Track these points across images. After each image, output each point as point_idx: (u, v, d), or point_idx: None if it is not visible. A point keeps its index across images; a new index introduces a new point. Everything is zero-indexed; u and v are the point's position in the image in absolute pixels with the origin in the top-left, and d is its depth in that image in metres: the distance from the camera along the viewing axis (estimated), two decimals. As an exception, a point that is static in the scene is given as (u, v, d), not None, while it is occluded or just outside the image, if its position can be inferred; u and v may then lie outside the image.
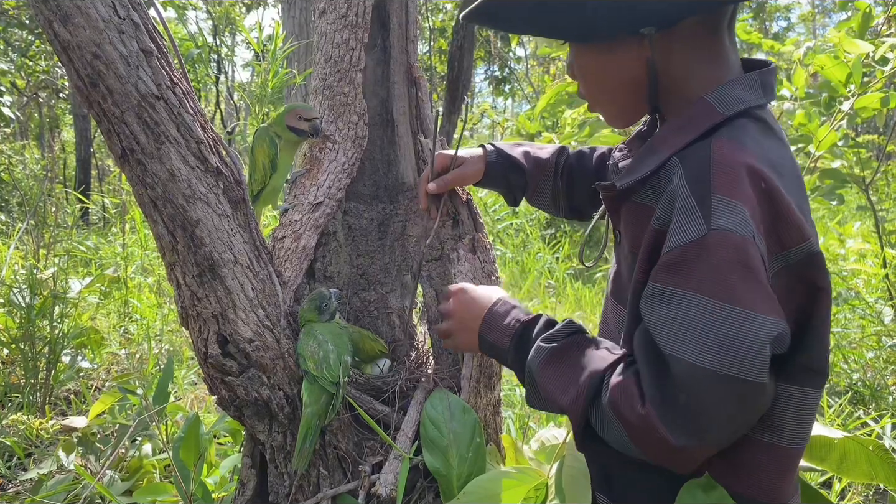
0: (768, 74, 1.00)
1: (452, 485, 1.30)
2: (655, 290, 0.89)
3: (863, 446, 1.30)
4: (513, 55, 13.74)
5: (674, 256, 0.86)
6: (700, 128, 0.94)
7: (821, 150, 2.69)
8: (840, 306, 3.14)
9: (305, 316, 1.36)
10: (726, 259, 0.82)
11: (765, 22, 16.08)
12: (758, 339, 0.81)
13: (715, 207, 0.83)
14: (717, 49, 0.99)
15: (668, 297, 0.87)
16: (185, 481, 1.41)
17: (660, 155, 0.96)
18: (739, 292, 0.82)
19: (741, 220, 0.82)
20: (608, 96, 1.09)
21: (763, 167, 0.87)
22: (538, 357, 1.06)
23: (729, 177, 0.85)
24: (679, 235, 0.85)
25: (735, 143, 0.89)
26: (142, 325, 3.39)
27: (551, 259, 5.05)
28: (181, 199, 1.19)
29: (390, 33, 1.58)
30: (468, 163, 1.45)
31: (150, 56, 1.14)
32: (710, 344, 0.82)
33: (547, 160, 1.46)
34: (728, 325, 0.81)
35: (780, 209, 0.86)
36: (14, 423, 2.29)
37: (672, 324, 0.86)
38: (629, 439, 0.91)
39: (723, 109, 0.94)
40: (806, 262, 0.88)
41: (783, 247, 0.87)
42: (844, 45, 2.59)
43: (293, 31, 4.92)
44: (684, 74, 1.00)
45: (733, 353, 0.81)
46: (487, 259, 1.54)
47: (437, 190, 1.44)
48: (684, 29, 0.97)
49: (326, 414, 1.29)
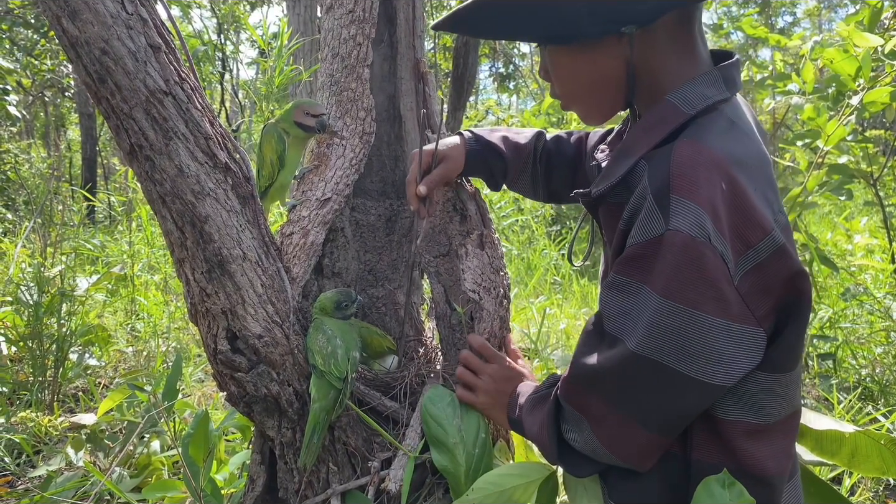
0: (730, 68, 1.01)
1: (461, 481, 1.30)
2: (614, 280, 0.94)
3: (874, 441, 1.30)
4: (517, 51, 13.71)
5: (633, 252, 0.90)
6: (666, 129, 0.96)
7: (829, 146, 2.67)
8: (848, 302, 3.13)
9: (321, 304, 1.36)
10: (677, 258, 0.85)
11: (770, 17, 16.01)
12: (702, 336, 0.86)
13: (672, 208, 0.86)
14: (690, 45, 1.01)
15: (623, 286, 0.93)
16: (195, 478, 1.41)
17: (630, 159, 0.98)
18: (685, 291, 0.85)
19: (695, 221, 0.85)
20: (585, 95, 1.10)
21: (726, 165, 0.89)
22: (525, 408, 1.20)
23: (687, 179, 0.87)
24: (640, 233, 0.89)
25: (697, 144, 0.91)
26: (149, 322, 3.40)
27: (557, 256, 5.04)
28: (190, 196, 1.19)
29: (397, 29, 1.58)
30: (449, 157, 1.43)
31: (158, 52, 1.13)
32: (651, 333, 0.88)
33: (525, 145, 1.46)
34: (671, 320, 0.87)
35: (743, 207, 0.88)
36: (23, 420, 2.29)
37: (620, 311, 0.93)
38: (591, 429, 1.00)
39: (687, 108, 0.96)
40: (776, 256, 0.89)
41: (748, 245, 0.88)
42: (854, 39, 2.57)
43: (298, 28, 4.92)
44: (660, 71, 1.01)
45: (674, 346, 0.87)
46: (496, 255, 1.54)
47: (426, 192, 1.41)
48: (662, 26, 0.98)
49: (334, 409, 1.29)
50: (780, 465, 0.97)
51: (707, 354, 0.87)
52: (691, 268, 0.85)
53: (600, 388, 0.97)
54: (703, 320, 0.86)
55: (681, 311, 0.86)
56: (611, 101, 1.08)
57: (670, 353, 0.88)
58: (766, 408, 0.94)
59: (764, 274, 0.89)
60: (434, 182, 1.42)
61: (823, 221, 6.43)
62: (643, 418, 0.95)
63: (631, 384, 0.93)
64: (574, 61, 1.05)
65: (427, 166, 1.42)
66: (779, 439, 0.97)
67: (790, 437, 1.00)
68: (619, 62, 1.01)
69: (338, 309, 1.36)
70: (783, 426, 0.98)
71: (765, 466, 0.95)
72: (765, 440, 0.95)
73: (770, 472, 0.95)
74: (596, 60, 1.03)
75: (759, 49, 11.20)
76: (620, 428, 0.97)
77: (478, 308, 1.48)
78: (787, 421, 0.98)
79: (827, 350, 2.87)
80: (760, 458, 0.95)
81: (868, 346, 3.00)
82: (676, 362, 0.88)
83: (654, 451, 0.98)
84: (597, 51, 1.02)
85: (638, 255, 0.90)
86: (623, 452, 0.99)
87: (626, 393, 0.95)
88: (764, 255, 0.88)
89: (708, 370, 0.88)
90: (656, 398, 0.93)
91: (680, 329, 0.86)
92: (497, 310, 1.50)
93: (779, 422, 0.96)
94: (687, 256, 0.85)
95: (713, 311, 0.86)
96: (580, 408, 1.01)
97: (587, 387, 1.00)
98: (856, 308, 3.27)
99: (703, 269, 0.85)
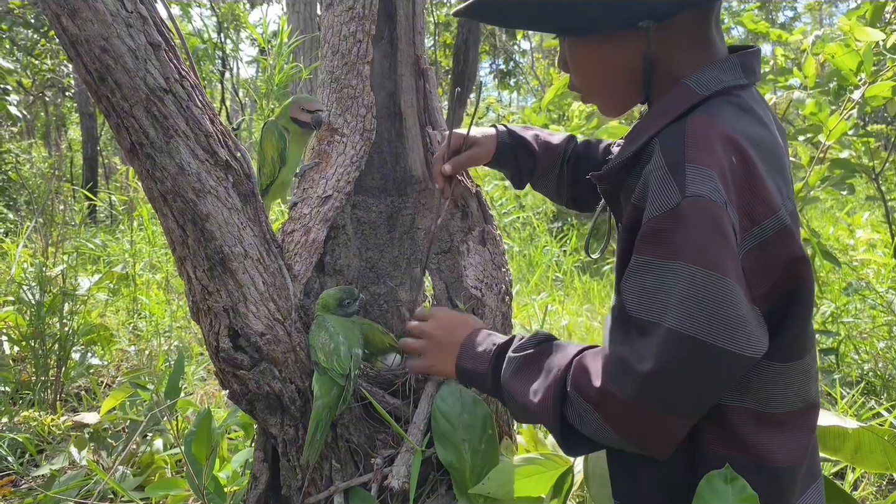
0: (749, 56, 1.01)
1: (466, 477, 1.30)
2: (634, 262, 0.90)
3: (878, 436, 1.30)
4: (517, 48, 13.69)
5: (651, 226, 0.87)
6: (679, 109, 0.96)
7: (831, 140, 2.66)
8: (850, 296, 3.12)
9: (324, 301, 1.36)
10: (701, 224, 0.83)
11: (771, 12, 15.98)
12: (734, 304, 0.82)
13: (689, 175, 0.85)
14: (706, 39, 1.01)
15: (645, 266, 0.88)
16: (198, 475, 1.41)
17: (642, 138, 0.97)
18: (714, 257, 0.82)
19: (714, 187, 0.83)
20: (603, 87, 1.10)
21: (737, 139, 0.88)
22: (509, 368, 1.11)
23: (702, 146, 0.87)
24: (656, 206, 0.87)
25: (710, 117, 0.91)
26: (151, 321, 3.40)
27: (559, 252, 5.04)
28: (191, 193, 1.19)
29: (397, 25, 1.57)
30: (480, 142, 1.44)
31: (158, 49, 1.13)
32: (686, 308, 0.83)
33: (556, 145, 1.46)
34: (705, 289, 0.82)
35: (752, 183, 0.87)
36: (26, 419, 2.30)
37: (646, 293, 0.88)
38: (602, 421, 0.92)
39: (701, 90, 0.96)
40: (780, 236, 0.88)
41: (754, 221, 0.87)
42: (855, 33, 2.56)
43: (298, 26, 4.91)
44: (677, 64, 1.01)
45: (709, 318, 0.82)
46: (497, 251, 1.54)
47: (452, 172, 1.42)
48: (680, 21, 0.99)
49: (337, 406, 1.29)
50: (794, 459, 0.95)
51: (738, 324, 0.83)
52: (716, 232, 0.82)
53: (629, 377, 0.88)
54: (731, 288, 0.82)
55: (713, 277, 0.82)
56: (628, 93, 1.08)
57: (706, 326, 0.82)
58: (773, 398, 0.93)
59: (766, 253, 0.88)
60: (461, 164, 1.43)
61: (825, 216, 6.42)
62: (671, 404, 0.88)
63: (664, 370, 0.85)
64: (592, 53, 1.06)
65: (457, 148, 1.43)
66: (793, 433, 0.95)
67: (807, 433, 0.97)
68: (636, 55, 1.01)
69: (340, 306, 1.36)
70: (798, 420, 0.96)
71: (775, 458, 0.93)
72: (775, 432, 0.94)
73: (781, 464, 0.94)
74: (613, 53, 1.03)
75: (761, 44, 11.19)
76: (642, 416, 0.90)
77: (480, 304, 1.48)
78: (801, 414, 0.96)
79: (829, 345, 2.87)
80: (771, 449, 0.93)
81: (870, 340, 2.99)
82: (712, 336, 0.82)
83: (677, 436, 0.92)
84: (615, 43, 1.02)
85: (656, 230, 0.87)
86: (642, 441, 0.93)
87: (658, 381, 0.86)
88: (769, 234, 0.87)
89: (740, 341, 0.83)
90: (690, 380, 0.86)
91: (714, 298, 0.82)
92: (499, 306, 1.50)
93: (790, 413, 0.95)
94: (711, 220, 0.82)
95: (736, 279, 0.83)
96: (593, 401, 0.93)
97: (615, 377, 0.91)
98: (858, 303, 3.27)
99: (725, 234, 0.83)
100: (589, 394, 0.93)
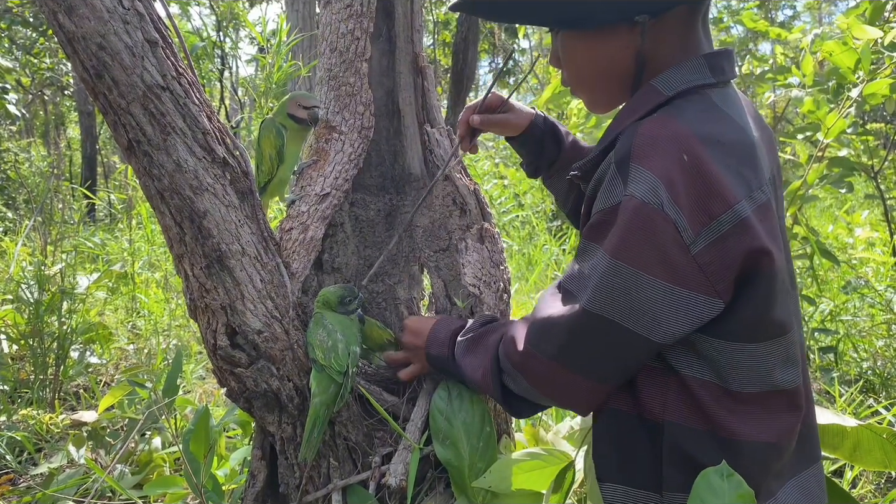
0: (717, 56, 1.03)
1: (464, 475, 1.30)
2: (581, 244, 1.00)
3: (877, 434, 1.30)
4: (517, 47, 13.68)
5: (597, 218, 0.96)
6: (644, 108, 1.00)
7: (829, 138, 2.66)
8: (849, 295, 3.12)
9: (324, 299, 1.36)
10: (628, 222, 0.90)
11: (770, 11, 15.98)
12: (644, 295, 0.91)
13: (631, 175, 0.91)
14: (693, 38, 1.04)
15: (584, 250, 0.99)
16: (196, 474, 1.41)
17: (610, 136, 1.02)
18: (632, 253, 0.90)
19: (649, 188, 0.89)
20: (593, 82, 1.12)
21: (690, 138, 0.91)
22: (459, 349, 1.24)
23: (647, 148, 0.91)
24: (603, 200, 0.94)
25: (665, 119, 0.95)
26: (149, 320, 3.40)
27: (558, 251, 5.04)
28: (188, 191, 1.19)
29: (395, 23, 1.57)
30: (516, 112, 1.44)
31: (155, 46, 1.13)
32: (600, 292, 0.94)
33: (584, 147, 1.47)
34: (619, 279, 0.92)
35: (704, 180, 0.90)
36: (24, 418, 2.29)
37: (578, 272, 0.99)
38: (528, 383, 1.06)
39: (666, 90, 1.00)
40: (738, 229, 0.90)
41: (712, 216, 0.90)
42: (853, 31, 2.56)
43: (297, 24, 4.91)
44: (664, 62, 1.03)
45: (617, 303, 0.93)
46: (496, 249, 1.54)
47: (479, 123, 1.41)
48: (672, 17, 1.01)
49: (335, 404, 1.29)
50: (757, 436, 0.97)
51: (651, 313, 0.92)
52: (640, 232, 0.89)
53: (548, 340, 1.01)
54: (647, 282, 0.91)
55: (629, 271, 0.91)
56: (618, 88, 1.09)
57: (617, 309, 0.93)
58: (731, 375, 0.96)
59: (725, 246, 0.90)
60: (491, 122, 1.42)
61: (824, 215, 6.42)
62: (586, 368, 1.00)
63: (577, 338, 0.98)
64: (585, 47, 1.07)
65: (491, 107, 1.42)
66: (757, 413, 0.97)
67: (774, 414, 0.99)
68: (629, 51, 1.03)
69: (341, 305, 1.36)
70: (761, 401, 0.97)
71: (735, 430, 0.96)
72: (737, 407, 0.97)
73: (741, 438, 0.96)
74: (607, 47, 1.05)
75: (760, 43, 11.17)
76: (562, 377, 1.02)
77: (478, 302, 1.48)
78: (765, 396, 0.98)
79: (828, 343, 2.87)
80: (732, 422, 0.96)
81: (869, 338, 2.99)
82: (623, 318, 0.93)
83: (596, 396, 1.04)
84: (608, 38, 1.04)
85: (600, 221, 0.95)
86: (563, 400, 1.07)
87: (571, 346, 0.99)
88: (726, 227, 0.90)
89: (651, 327, 0.93)
90: (600, 350, 0.98)
91: (626, 288, 0.92)
92: (497, 304, 1.50)
93: (752, 394, 0.97)
94: (637, 221, 0.89)
95: (658, 274, 0.90)
96: (518, 365, 1.07)
97: (535, 341, 1.03)
98: (857, 301, 3.26)
99: (651, 234, 0.89)
100: (514, 358, 1.07)
